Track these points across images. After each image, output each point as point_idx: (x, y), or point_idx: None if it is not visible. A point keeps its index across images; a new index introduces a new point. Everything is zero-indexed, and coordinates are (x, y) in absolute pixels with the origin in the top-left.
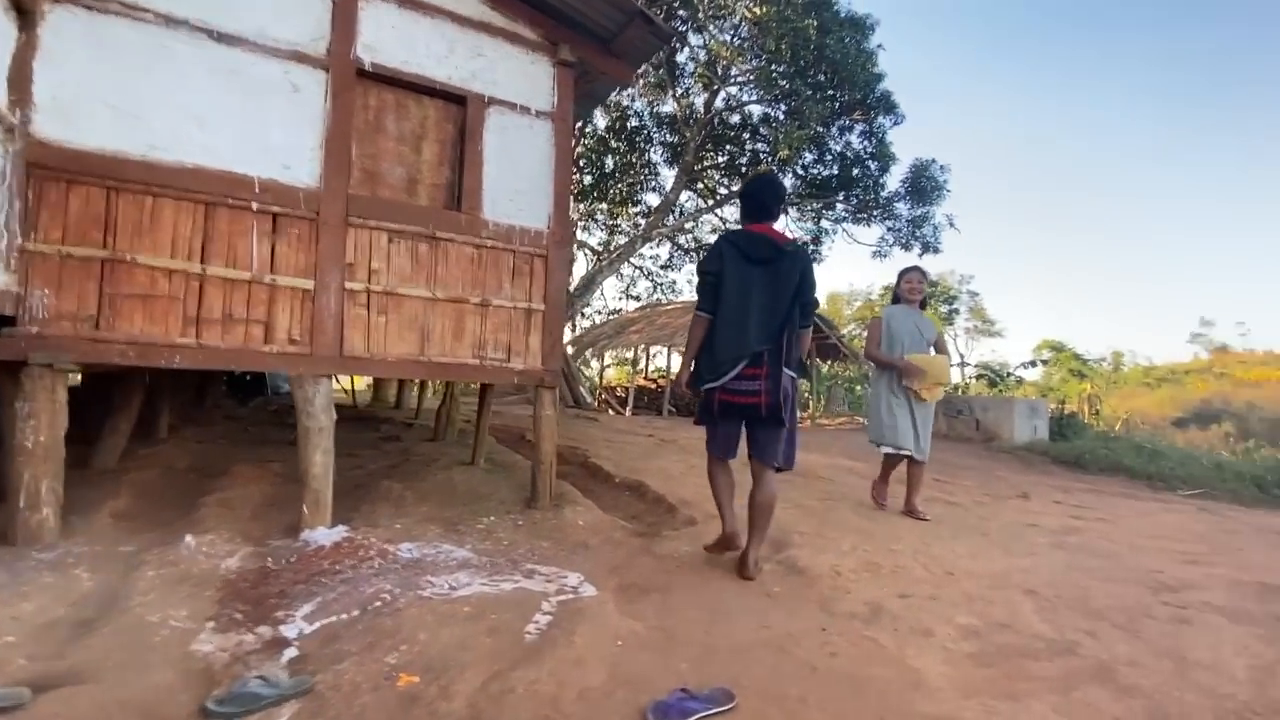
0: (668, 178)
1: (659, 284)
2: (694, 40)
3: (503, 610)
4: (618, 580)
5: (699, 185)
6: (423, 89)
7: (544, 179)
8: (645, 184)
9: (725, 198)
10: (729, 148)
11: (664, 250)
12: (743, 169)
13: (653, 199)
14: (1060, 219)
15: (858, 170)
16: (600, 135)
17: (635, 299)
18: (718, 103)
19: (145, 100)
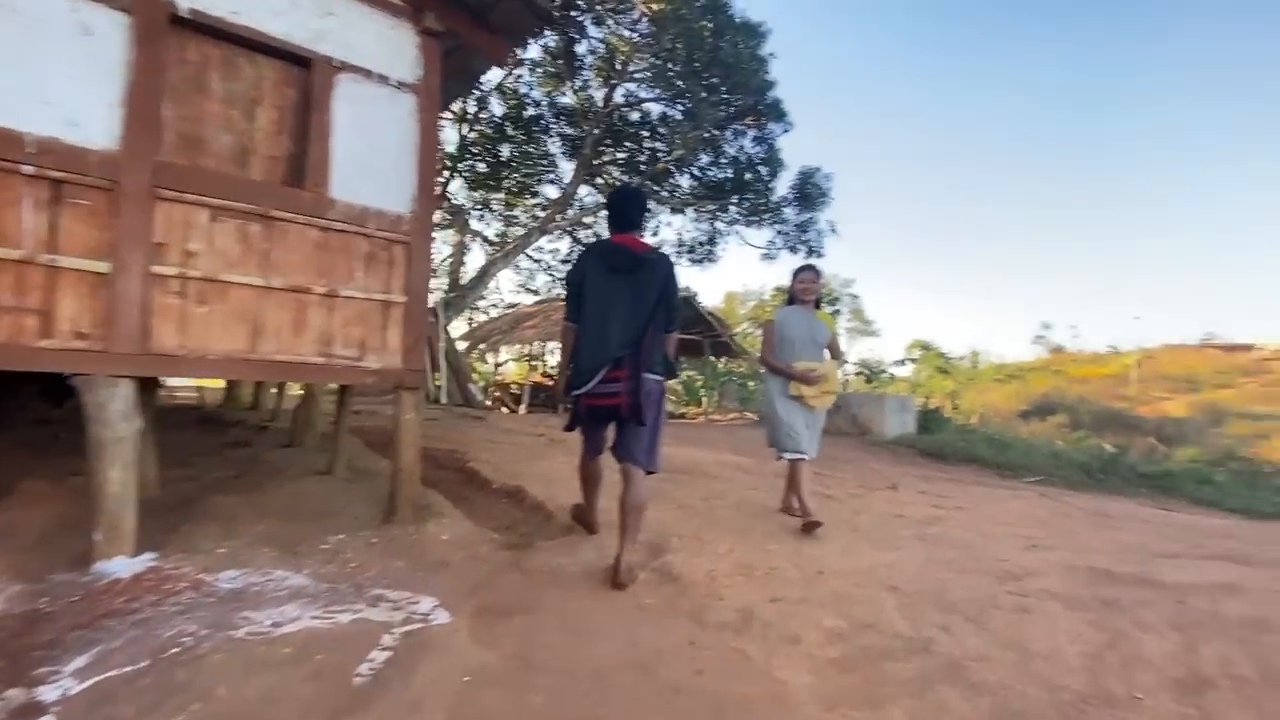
0: (567, 170)
1: (558, 278)
2: (594, 32)
3: (333, 648)
4: (477, 602)
5: (599, 180)
6: (257, 46)
7: (406, 158)
8: (543, 175)
9: None
10: (628, 144)
11: (564, 244)
12: (641, 167)
13: (552, 191)
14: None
15: (750, 175)
16: (496, 123)
17: (534, 293)
18: (617, 98)
19: None
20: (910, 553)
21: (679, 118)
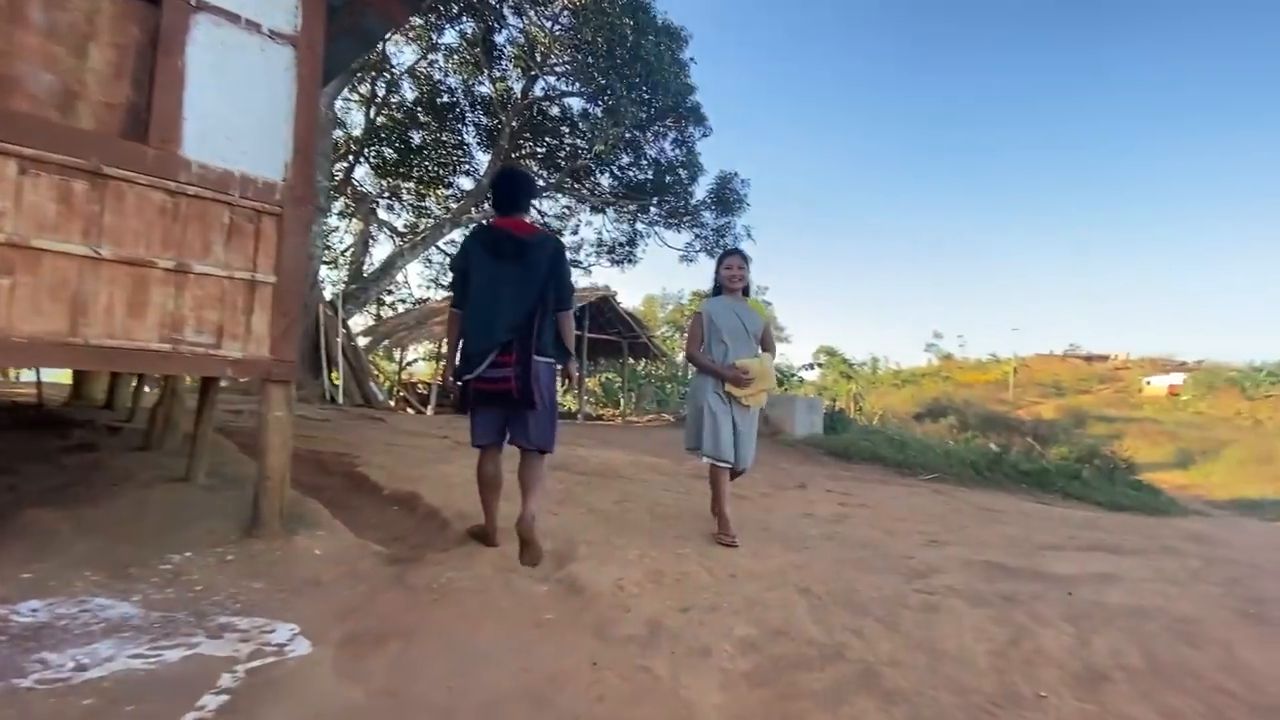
0: (482, 162)
1: None
2: (514, 22)
3: (151, 697)
4: (348, 627)
5: None
6: None
7: (281, 118)
8: (457, 166)
9: (542, 189)
10: (548, 139)
11: None
12: (561, 162)
13: (466, 183)
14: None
15: (670, 177)
16: (408, 107)
17: (445, 288)
18: (537, 91)
19: None
20: (820, 552)
21: (600, 115)
